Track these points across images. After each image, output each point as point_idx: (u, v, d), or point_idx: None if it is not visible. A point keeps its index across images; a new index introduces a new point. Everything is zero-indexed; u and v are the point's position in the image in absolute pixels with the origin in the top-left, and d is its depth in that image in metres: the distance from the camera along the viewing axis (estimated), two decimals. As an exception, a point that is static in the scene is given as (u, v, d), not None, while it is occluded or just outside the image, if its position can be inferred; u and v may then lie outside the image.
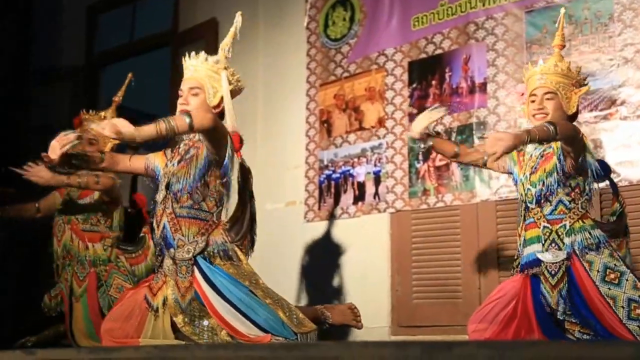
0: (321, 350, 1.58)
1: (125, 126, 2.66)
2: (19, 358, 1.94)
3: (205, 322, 2.86)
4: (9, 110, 6.11)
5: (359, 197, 4.73)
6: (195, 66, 3.09)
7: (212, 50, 5.13)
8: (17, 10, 6.31)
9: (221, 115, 3.09)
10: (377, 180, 4.66)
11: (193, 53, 3.11)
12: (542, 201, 2.99)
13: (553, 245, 2.96)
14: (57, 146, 2.88)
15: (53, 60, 6.45)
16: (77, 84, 6.38)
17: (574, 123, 3.05)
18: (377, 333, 4.28)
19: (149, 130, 2.70)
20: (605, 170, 3.15)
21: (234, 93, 3.15)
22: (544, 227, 2.98)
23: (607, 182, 3.18)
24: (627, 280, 2.83)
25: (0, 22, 6.17)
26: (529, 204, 3.04)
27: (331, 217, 4.83)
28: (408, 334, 4.34)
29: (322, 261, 4.83)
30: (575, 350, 1.39)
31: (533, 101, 3.07)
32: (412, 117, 4.57)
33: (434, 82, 4.51)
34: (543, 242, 2.97)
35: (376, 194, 4.65)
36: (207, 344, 2.61)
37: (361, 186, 4.74)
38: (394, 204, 4.56)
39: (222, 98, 3.05)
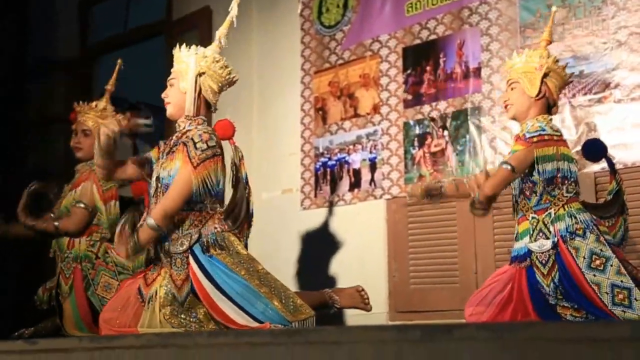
0: (322, 336, 1.59)
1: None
2: (20, 348, 1.95)
3: (193, 314, 2.86)
4: (9, 110, 6.10)
5: (355, 184, 4.74)
6: (175, 58, 3.11)
7: (206, 38, 5.16)
8: (15, 5, 6.28)
9: (208, 105, 3.09)
10: (373, 167, 4.67)
11: (182, 46, 3.11)
12: (528, 193, 3.02)
13: (540, 234, 2.99)
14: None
15: (48, 53, 6.43)
16: (72, 75, 6.36)
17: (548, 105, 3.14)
18: (375, 319, 4.29)
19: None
20: (600, 149, 3.17)
21: (224, 84, 3.11)
22: (532, 217, 3.02)
23: (605, 161, 3.20)
24: (611, 265, 2.85)
25: (0, 22, 6.15)
26: (517, 197, 3.07)
27: (327, 204, 4.84)
28: (406, 319, 4.36)
29: (319, 248, 4.84)
30: (572, 331, 1.41)
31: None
32: (406, 103, 4.59)
33: (428, 68, 4.51)
34: (531, 232, 3.00)
35: (372, 180, 4.66)
36: (208, 331, 2.61)
37: (357, 173, 4.75)
38: (390, 191, 4.57)
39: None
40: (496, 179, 2.96)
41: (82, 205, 3.76)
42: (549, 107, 3.13)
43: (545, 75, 3.08)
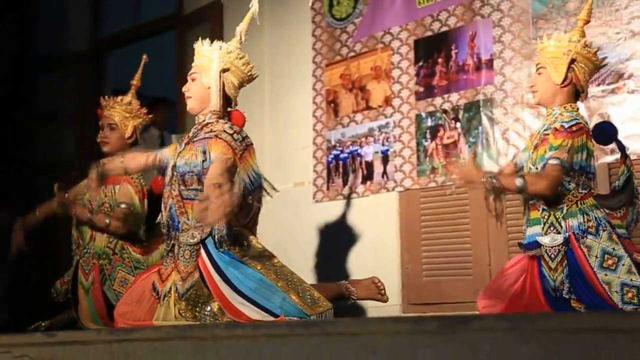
0: (339, 327, 1.60)
1: None
2: (39, 340, 1.97)
3: (208, 308, 2.86)
4: (9, 109, 6.14)
5: (368, 177, 4.74)
6: (197, 52, 3.11)
7: (218, 32, 5.16)
8: (15, 5, 6.29)
9: (228, 100, 3.10)
10: (385, 160, 4.67)
11: (202, 40, 3.11)
12: None
13: (552, 228, 2.96)
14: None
15: (59, 46, 6.45)
16: (84, 69, 6.38)
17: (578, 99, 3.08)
18: (388, 311, 4.29)
19: None
20: (610, 132, 3.13)
21: (245, 77, 3.12)
22: (543, 209, 2.98)
23: (615, 144, 3.17)
24: (623, 265, 2.83)
25: (0, 22, 6.17)
26: None
27: (340, 197, 4.84)
28: (418, 312, 4.36)
29: (332, 241, 4.85)
30: (591, 321, 1.41)
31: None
32: (418, 96, 4.58)
33: (440, 60, 4.50)
34: (542, 225, 2.98)
35: (384, 173, 4.66)
36: (225, 323, 2.62)
37: (369, 165, 4.74)
38: (403, 183, 4.57)
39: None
40: (550, 178, 2.86)
41: (124, 206, 3.77)
42: (577, 93, 3.07)
43: (573, 61, 3.01)
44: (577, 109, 3.05)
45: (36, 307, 4.25)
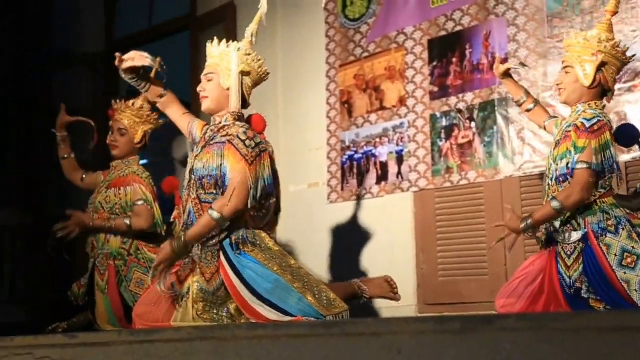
0: (360, 327, 1.60)
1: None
2: (61, 342, 1.98)
3: (225, 309, 2.87)
4: (27, 104, 6.16)
5: (382, 177, 4.74)
6: (211, 53, 3.10)
7: (231, 33, 5.17)
8: (15, 5, 6.31)
9: (243, 101, 3.09)
10: (400, 160, 4.67)
11: (215, 40, 3.11)
12: (561, 180, 2.97)
13: (569, 225, 2.94)
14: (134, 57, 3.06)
15: (74, 48, 6.49)
16: (98, 70, 6.41)
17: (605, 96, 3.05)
18: (404, 312, 4.29)
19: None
20: (633, 135, 3.11)
21: (258, 79, 3.12)
22: None
23: (637, 146, 3.15)
24: None
25: (0, 22, 6.21)
26: (549, 180, 3.03)
27: (354, 197, 4.84)
28: (434, 312, 4.36)
29: (346, 242, 4.85)
30: (611, 320, 1.40)
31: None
32: (433, 95, 4.57)
33: (454, 60, 4.50)
34: (559, 221, 2.96)
35: (399, 173, 4.66)
36: (246, 323, 2.63)
37: (384, 166, 4.74)
38: (417, 183, 4.56)
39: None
40: (582, 184, 2.85)
41: (141, 203, 3.80)
42: (604, 92, 3.04)
43: (603, 64, 2.96)
44: (604, 106, 3.02)
45: (53, 309, 4.27)
